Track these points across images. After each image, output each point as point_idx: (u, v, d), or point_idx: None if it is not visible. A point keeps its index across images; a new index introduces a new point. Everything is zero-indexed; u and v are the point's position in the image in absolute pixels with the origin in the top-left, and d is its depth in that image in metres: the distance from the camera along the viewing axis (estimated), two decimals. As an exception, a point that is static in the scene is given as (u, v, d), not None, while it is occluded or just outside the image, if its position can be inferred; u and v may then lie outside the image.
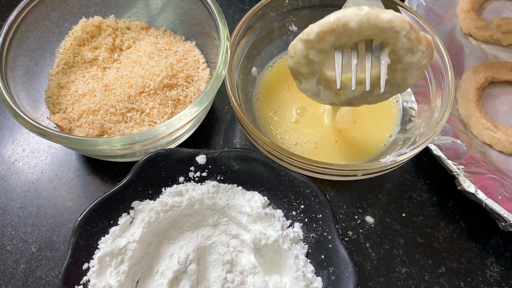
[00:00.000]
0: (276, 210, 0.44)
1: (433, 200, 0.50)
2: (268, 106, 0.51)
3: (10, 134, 0.52)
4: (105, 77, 0.49)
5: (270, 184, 0.44)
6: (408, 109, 0.51)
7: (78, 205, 0.48)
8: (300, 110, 0.51)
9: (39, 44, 0.49)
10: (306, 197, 0.43)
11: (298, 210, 0.43)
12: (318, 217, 0.42)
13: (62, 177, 0.50)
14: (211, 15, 0.47)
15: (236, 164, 0.44)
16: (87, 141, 0.41)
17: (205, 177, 0.44)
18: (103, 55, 0.50)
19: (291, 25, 0.55)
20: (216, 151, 0.44)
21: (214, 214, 0.44)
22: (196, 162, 0.44)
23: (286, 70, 0.53)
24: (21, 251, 0.46)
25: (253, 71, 0.52)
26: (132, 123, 0.47)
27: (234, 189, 0.45)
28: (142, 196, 0.43)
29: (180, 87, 0.49)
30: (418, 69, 0.42)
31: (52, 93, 0.48)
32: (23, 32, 0.47)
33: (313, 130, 0.50)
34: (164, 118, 0.47)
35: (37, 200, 0.49)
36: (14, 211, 0.48)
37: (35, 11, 0.47)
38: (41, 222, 0.48)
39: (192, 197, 0.43)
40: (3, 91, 0.41)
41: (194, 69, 0.50)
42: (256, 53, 0.52)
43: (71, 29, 0.51)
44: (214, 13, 0.47)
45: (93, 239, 0.41)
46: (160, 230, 0.43)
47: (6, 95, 0.41)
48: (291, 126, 0.50)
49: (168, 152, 0.44)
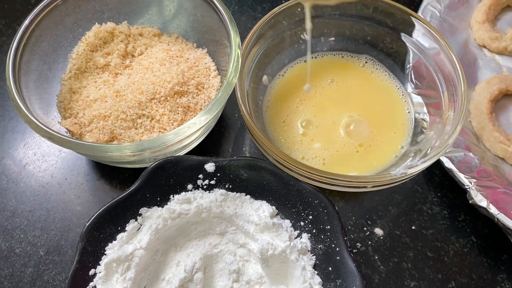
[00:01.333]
0: (284, 220, 0.44)
1: (443, 213, 0.50)
2: (278, 115, 0.51)
3: (22, 138, 0.53)
4: (117, 83, 0.49)
5: (279, 193, 0.44)
6: (420, 121, 0.51)
7: (87, 209, 0.49)
8: (306, 123, 0.50)
9: (52, 49, 0.49)
10: (315, 208, 0.43)
11: (306, 221, 0.43)
12: (327, 228, 0.42)
13: (72, 181, 0.50)
14: (223, 23, 0.47)
15: (244, 173, 0.44)
16: (97, 147, 0.41)
17: (213, 185, 0.44)
18: (115, 61, 0.51)
19: (303, 33, 0.55)
20: (225, 159, 0.44)
21: (222, 223, 0.44)
22: (204, 170, 0.44)
23: (298, 79, 0.54)
24: (29, 255, 0.46)
25: (264, 79, 0.52)
26: (142, 129, 0.47)
27: (242, 198, 0.44)
28: (150, 202, 0.43)
29: (191, 94, 0.49)
30: None
31: (64, 98, 0.49)
32: (37, 37, 0.47)
33: (321, 144, 0.49)
34: (174, 125, 0.47)
35: (46, 204, 0.49)
36: (24, 214, 0.48)
37: (50, 16, 0.48)
38: (49, 226, 0.48)
39: (200, 205, 0.43)
40: (15, 96, 0.42)
41: (205, 77, 0.50)
42: (268, 61, 0.52)
43: (84, 35, 0.52)
44: (226, 21, 0.47)
45: (100, 245, 0.41)
46: (167, 237, 0.43)
47: (19, 100, 0.42)
48: (299, 138, 0.50)
49: (177, 159, 0.44)
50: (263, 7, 0.63)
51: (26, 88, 0.45)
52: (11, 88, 0.42)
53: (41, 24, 0.47)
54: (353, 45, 0.56)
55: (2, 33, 0.60)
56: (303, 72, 0.54)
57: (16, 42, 0.45)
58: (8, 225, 0.48)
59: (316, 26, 0.54)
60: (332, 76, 0.54)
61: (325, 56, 0.55)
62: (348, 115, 0.50)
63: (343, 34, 0.56)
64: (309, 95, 0.52)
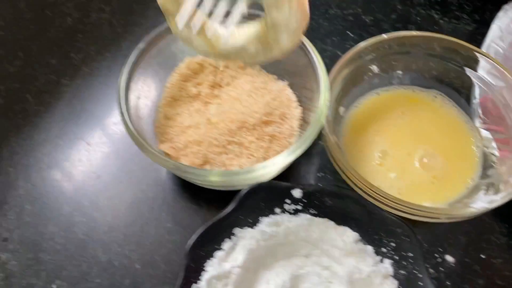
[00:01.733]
0: (366, 245, 0.47)
1: (511, 243, 0.52)
2: (355, 145, 0.54)
3: (116, 157, 0.58)
4: (208, 111, 0.53)
5: (362, 221, 0.47)
6: (489, 155, 0.54)
7: (177, 227, 0.53)
8: (382, 154, 0.54)
9: (150, 80, 0.54)
10: (397, 236, 0.46)
11: (388, 248, 0.46)
12: (409, 256, 0.45)
13: (163, 201, 0.54)
14: (311, 63, 0.51)
15: (329, 200, 0.48)
16: (195, 172, 0.46)
17: (299, 210, 0.48)
18: (205, 91, 0.55)
19: (372, 65, 0.58)
20: (311, 186, 0.48)
21: (307, 246, 0.48)
22: (292, 196, 0.48)
23: (372, 111, 0.57)
24: (126, 267, 0.51)
25: (340, 110, 0.56)
26: (232, 154, 0.51)
27: (327, 223, 0.48)
28: (243, 223, 0.47)
29: (276, 124, 0.53)
30: (289, 32, 0.40)
31: (160, 124, 0.53)
32: (141, 72, 0.52)
33: (397, 175, 0.52)
34: (261, 151, 0.51)
35: (140, 219, 0.53)
36: (120, 229, 0.53)
37: (150, 52, 0.53)
38: (143, 241, 0.52)
39: (288, 228, 0.47)
40: (130, 125, 0.46)
41: (287, 107, 0.54)
42: (344, 94, 0.56)
43: (177, 66, 0.56)
44: (316, 64, 0.50)
45: (201, 261, 0.45)
46: (257, 257, 0.47)
47: (131, 127, 0.47)
48: (376, 168, 0.53)
49: (268, 185, 0.48)
50: (333, 40, 0.67)
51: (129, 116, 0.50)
52: (126, 120, 0.47)
53: (144, 59, 0.52)
54: (421, 79, 0.59)
55: (93, 59, 0.65)
56: (376, 104, 0.58)
57: (125, 78, 0.49)
58: (106, 239, 0.52)
59: (385, 61, 0.58)
60: (403, 109, 0.57)
61: (396, 89, 0.59)
62: (422, 147, 0.54)
63: (410, 69, 0.59)
64: (383, 127, 0.55)
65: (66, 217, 0.53)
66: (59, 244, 0.52)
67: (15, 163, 0.57)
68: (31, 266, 0.51)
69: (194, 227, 0.52)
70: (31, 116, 0.60)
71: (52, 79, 0.63)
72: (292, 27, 0.40)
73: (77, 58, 0.65)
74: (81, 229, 0.53)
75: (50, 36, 0.67)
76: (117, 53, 0.65)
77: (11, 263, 0.51)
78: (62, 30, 0.68)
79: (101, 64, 0.65)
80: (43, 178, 0.56)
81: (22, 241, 0.52)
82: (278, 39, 0.41)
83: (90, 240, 0.52)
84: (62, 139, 0.59)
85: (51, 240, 0.52)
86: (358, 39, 0.66)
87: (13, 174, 0.56)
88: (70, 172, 0.56)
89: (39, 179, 0.56)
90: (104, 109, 0.61)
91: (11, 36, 0.67)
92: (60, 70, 0.64)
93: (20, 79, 0.63)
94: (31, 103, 0.61)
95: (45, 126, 0.59)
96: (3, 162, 0.57)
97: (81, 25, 0.68)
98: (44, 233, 0.52)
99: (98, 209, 0.54)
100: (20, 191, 0.55)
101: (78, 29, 0.68)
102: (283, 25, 0.39)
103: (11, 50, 0.66)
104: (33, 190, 0.55)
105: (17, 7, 0.70)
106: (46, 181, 0.56)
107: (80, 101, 0.62)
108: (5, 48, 0.66)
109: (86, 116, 0.61)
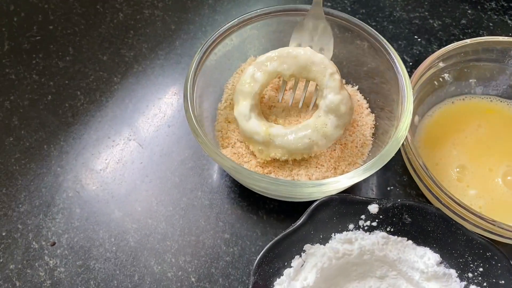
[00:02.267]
0: (449, 269, 0.42)
1: None
2: (431, 158, 0.50)
3: (167, 165, 0.54)
4: (272, 115, 0.50)
5: (444, 241, 0.43)
6: None
7: (235, 238, 0.49)
8: (460, 168, 0.49)
9: (212, 81, 0.51)
10: (486, 260, 0.41)
11: (475, 273, 0.42)
12: (500, 283, 0.40)
13: (220, 209, 0.51)
14: (393, 70, 0.47)
15: (408, 217, 0.43)
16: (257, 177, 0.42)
17: (374, 226, 0.44)
18: (269, 93, 0.51)
19: (444, 74, 0.54)
20: (389, 201, 0.44)
21: (383, 266, 0.43)
22: (367, 211, 0.44)
23: (447, 121, 0.53)
24: (181, 280, 0.47)
25: (415, 119, 0.51)
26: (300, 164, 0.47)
27: (404, 242, 0.43)
28: (313, 239, 0.43)
29: (347, 131, 0.49)
30: (338, 116, 0.46)
31: (221, 127, 0.50)
32: (203, 71, 0.48)
33: (478, 192, 0.48)
34: (331, 162, 0.47)
35: (195, 229, 0.50)
36: (174, 238, 0.49)
37: (213, 51, 0.49)
38: (199, 252, 0.48)
39: (363, 246, 0.42)
40: (197, 129, 0.43)
41: (359, 114, 0.50)
42: (419, 102, 0.52)
43: (240, 66, 0.53)
44: (398, 70, 0.46)
45: (269, 279, 0.41)
46: (329, 276, 0.43)
47: (200, 131, 0.43)
48: (454, 183, 0.49)
49: (342, 198, 0.44)
50: (399, 44, 0.63)
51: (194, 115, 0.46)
52: (193, 122, 0.43)
53: (206, 60, 0.48)
54: (500, 89, 0.55)
55: (145, 57, 0.62)
56: (451, 113, 0.53)
57: (190, 81, 0.46)
58: (159, 248, 0.49)
59: (460, 69, 0.53)
60: (479, 121, 0.53)
61: (472, 98, 0.55)
62: (506, 163, 0.49)
63: (485, 77, 0.55)
64: (460, 139, 0.51)
65: (117, 222, 0.50)
66: (110, 251, 0.49)
67: (64, 163, 0.54)
68: (80, 274, 0.47)
69: (252, 239, 0.49)
70: (81, 114, 0.57)
71: (103, 76, 0.61)
72: (341, 113, 0.46)
73: (128, 55, 0.63)
74: (133, 236, 0.49)
75: (101, 32, 0.65)
76: (171, 51, 0.62)
77: (59, 270, 0.48)
78: (113, 26, 0.65)
79: (154, 62, 0.62)
80: (93, 180, 0.53)
81: (71, 246, 0.49)
82: (327, 124, 0.46)
83: (142, 248, 0.49)
84: (113, 140, 0.56)
85: (101, 246, 0.49)
86: (426, 44, 0.62)
87: (62, 175, 0.53)
88: (121, 175, 0.53)
89: (89, 181, 0.53)
90: (157, 110, 0.58)
91: (61, 31, 0.65)
92: (111, 68, 0.61)
93: (70, 75, 0.61)
94: (82, 101, 0.59)
95: (96, 126, 0.57)
96: (52, 162, 0.54)
97: (133, 21, 0.66)
98: (94, 239, 0.49)
99: (151, 215, 0.51)
100: (69, 193, 0.52)
101: (130, 26, 0.65)
102: (334, 108, 0.46)
103: (61, 46, 0.63)
104: (82, 193, 0.52)
105: (68, 2, 0.68)
106: (96, 184, 0.53)
107: (132, 101, 0.59)
108: (56, 43, 0.64)
109: (138, 116, 0.57)
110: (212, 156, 0.42)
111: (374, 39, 0.48)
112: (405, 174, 0.52)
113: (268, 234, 0.49)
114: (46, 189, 0.52)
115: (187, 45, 0.63)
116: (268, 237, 0.49)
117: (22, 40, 0.64)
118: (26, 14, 0.66)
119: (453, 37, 0.63)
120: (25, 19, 0.66)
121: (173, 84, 0.60)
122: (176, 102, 0.58)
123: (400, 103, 0.45)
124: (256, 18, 0.50)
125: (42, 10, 0.67)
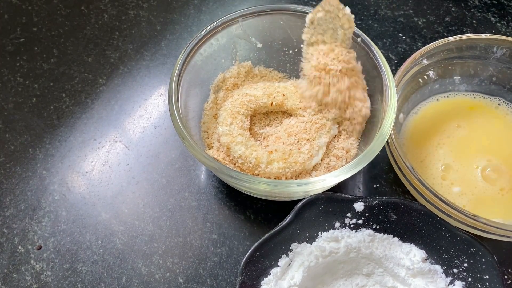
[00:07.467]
0: (434, 265, 0.43)
1: None
2: (415, 155, 0.50)
3: (156, 164, 0.54)
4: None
5: (429, 238, 0.43)
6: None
7: (222, 238, 0.49)
8: (445, 166, 0.50)
9: (197, 81, 0.51)
10: (471, 256, 0.42)
11: (460, 268, 0.42)
12: (484, 278, 0.41)
13: (207, 209, 0.51)
14: (377, 69, 0.47)
15: (394, 214, 0.44)
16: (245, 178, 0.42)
17: (360, 224, 0.44)
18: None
19: (429, 71, 0.54)
20: (375, 199, 0.44)
21: (369, 264, 0.44)
22: (353, 209, 0.44)
23: (432, 118, 0.53)
24: (169, 281, 0.47)
25: (400, 117, 0.52)
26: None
27: (390, 239, 0.44)
28: (300, 238, 0.43)
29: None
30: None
31: (207, 128, 0.50)
32: (188, 72, 0.48)
33: (461, 189, 0.48)
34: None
35: (183, 230, 0.50)
36: (161, 239, 0.49)
37: (197, 52, 0.49)
38: (187, 253, 0.48)
39: (349, 244, 0.43)
40: (184, 133, 0.43)
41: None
42: (404, 100, 0.52)
43: (227, 68, 0.53)
44: (382, 69, 0.46)
45: (256, 279, 0.41)
46: (316, 274, 0.43)
47: (185, 133, 0.43)
48: (438, 181, 0.49)
49: (328, 196, 0.44)
50: (384, 42, 0.63)
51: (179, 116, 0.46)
52: (178, 125, 0.43)
53: (192, 60, 0.48)
54: (483, 86, 0.55)
55: (131, 58, 0.62)
56: (437, 110, 0.54)
57: (175, 83, 0.46)
58: (146, 249, 0.49)
59: (442, 66, 0.54)
60: (462, 118, 0.53)
61: (456, 96, 0.55)
62: (486, 158, 0.50)
63: (468, 74, 0.55)
64: (444, 138, 0.51)
65: (104, 225, 0.50)
66: (97, 254, 0.48)
67: (50, 166, 0.54)
68: (67, 277, 0.47)
69: (240, 239, 0.49)
70: (67, 116, 0.57)
71: (88, 78, 0.60)
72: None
73: (114, 56, 0.62)
74: (120, 239, 0.49)
75: (86, 33, 0.64)
76: (156, 52, 0.62)
77: (46, 274, 0.47)
78: (98, 27, 0.65)
79: (140, 63, 0.61)
80: (79, 182, 0.53)
81: (57, 250, 0.49)
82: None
83: (130, 250, 0.49)
84: (99, 142, 0.55)
85: (88, 249, 0.49)
86: (410, 42, 0.63)
87: (48, 178, 0.53)
88: (108, 177, 0.53)
89: (75, 184, 0.52)
90: (143, 111, 0.57)
91: (46, 33, 0.64)
92: (96, 69, 0.61)
93: (55, 77, 0.60)
94: (67, 103, 0.58)
95: (81, 128, 0.56)
96: (38, 165, 0.54)
97: (118, 22, 0.65)
98: (81, 242, 0.49)
99: (138, 217, 0.50)
100: (56, 196, 0.52)
101: (115, 27, 0.65)
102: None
103: (46, 47, 0.63)
104: (69, 196, 0.52)
105: (52, 3, 0.67)
106: (83, 186, 0.52)
107: (118, 102, 0.58)
108: (40, 45, 0.63)
109: (124, 118, 0.57)
110: (198, 158, 0.42)
111: (358, 38, 0.48)
112: (391, 172, 0.52)
113: (256, 233, 0.49)
114: (31, 192, 0.52)
115: (173, 46, 0.63)
116: (256, 237, 0.49)
117: (5, 42, 0.63)
118: (10, 16, 0.66)
119: (438, 35, 0.63)
120: (8, 21, 0.65)
121: (159, 85, 0.60)
122: (162, 103, 0.58)
123: (384, 100, 0.45)
124: (242, 18, 0.50)
125: (26, 12, 0.66)
